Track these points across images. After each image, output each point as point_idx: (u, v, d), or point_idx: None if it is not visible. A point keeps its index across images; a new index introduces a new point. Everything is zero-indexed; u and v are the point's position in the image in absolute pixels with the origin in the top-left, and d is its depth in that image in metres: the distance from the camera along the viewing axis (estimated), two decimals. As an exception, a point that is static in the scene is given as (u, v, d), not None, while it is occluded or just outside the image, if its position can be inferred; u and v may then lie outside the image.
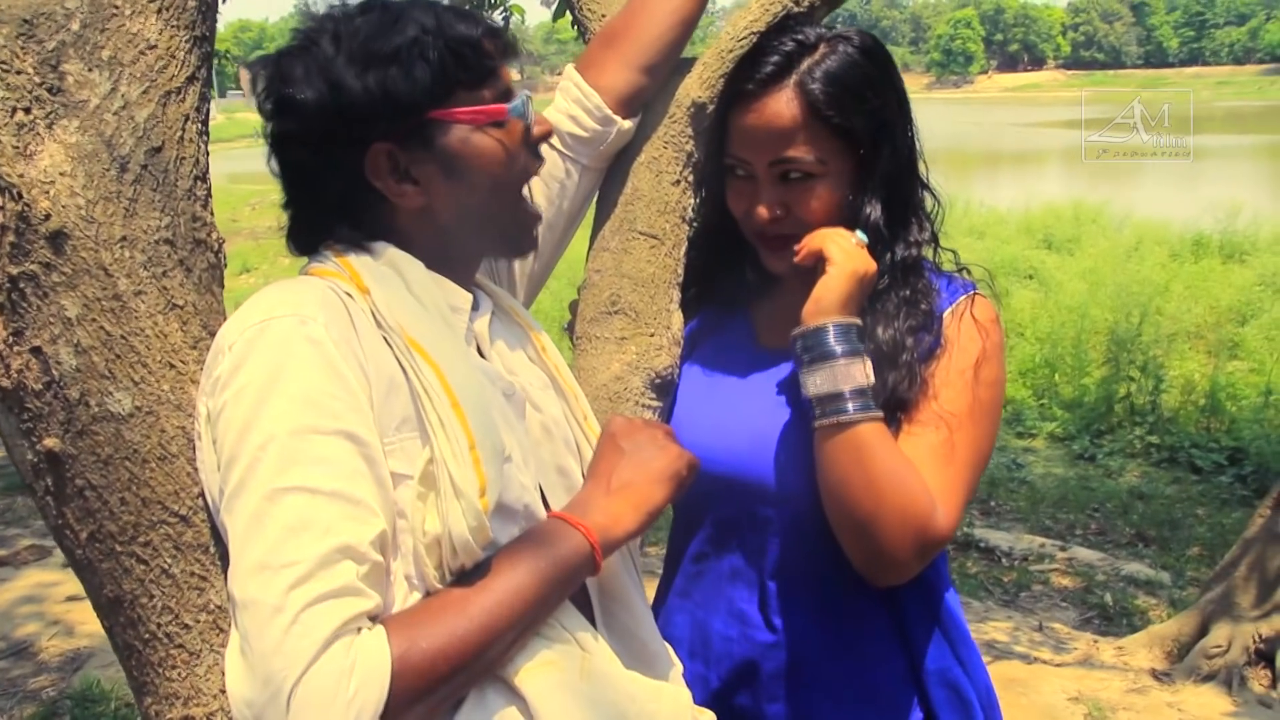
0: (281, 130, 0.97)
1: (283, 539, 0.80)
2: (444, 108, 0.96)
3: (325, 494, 0.82)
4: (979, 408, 1.17)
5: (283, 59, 0.97)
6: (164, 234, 0.96)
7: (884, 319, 1.19)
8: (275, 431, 0.83)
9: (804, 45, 1.19)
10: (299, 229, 1.04)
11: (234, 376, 0.86)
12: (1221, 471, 6.87)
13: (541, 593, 0.89)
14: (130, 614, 0.95)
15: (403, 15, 0.95)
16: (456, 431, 0.88)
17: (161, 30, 0.99)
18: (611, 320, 1.23)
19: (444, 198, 0.99)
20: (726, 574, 1.27)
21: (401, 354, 0.91)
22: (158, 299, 0.94)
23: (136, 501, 0.93)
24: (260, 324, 0.87)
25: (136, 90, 0.96)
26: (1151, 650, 3.47)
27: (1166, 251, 12.58)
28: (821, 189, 1.20)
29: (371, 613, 0.82)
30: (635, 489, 0.99)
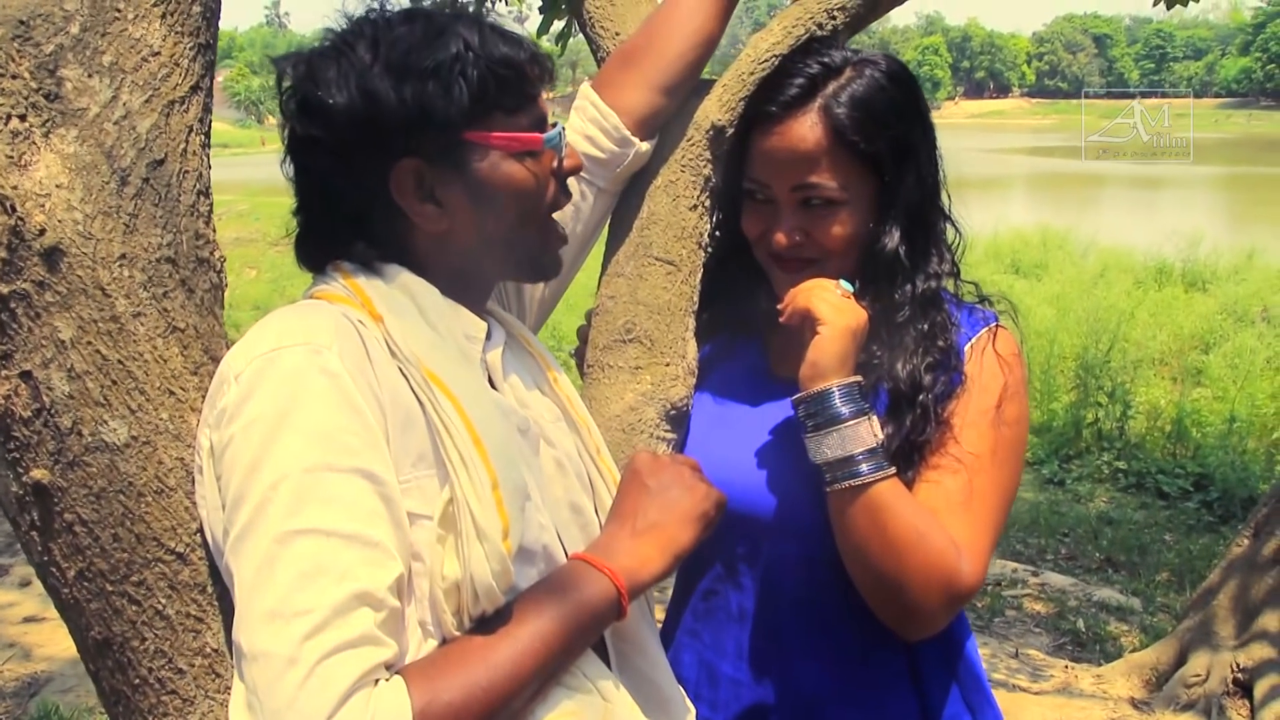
0: (305, 133, 0.92)
1: (296, 585, 0.74)
2: (480, 130, 0.92)
3: (341, 536, 0.76)
4: (1002, 448, 1.13)
5: (314, 59, 0.92)
6: (165, 252, 0.90)
7: (902, 354, 1.15)
8: (287, 469, 0.77)
9: (830, 68, 1.16)
10: (309, 239, 0.98)
11: (242, 409, 0.80)
12: (1188, 497, 6.95)
13: (566, 641, 0.85)
14: (120, 657, 0.88)
15: (446, 29, 0.91)
16: (479, 470, 0.83)
17: (165, 36, 0.94)
18: (626, 349, 1.18)
19: (467, 222, 0.95)
20: (735, 614, 1.23)
21: (419, 386, 0.86)
22: (158, 321, 0.89)
23: (130, 537, 0.87)
24: (270, 353, 0.82)
25: (139, 99, 0.90)
26: (1130, 679, 3.47)
27: (1131, 279, 12.79)
28: (843, 215, 1.16)
29: (389, 662, 0.77)
30: (662, 530, 0.94)
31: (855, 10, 1.23)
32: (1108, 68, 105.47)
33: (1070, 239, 15.43)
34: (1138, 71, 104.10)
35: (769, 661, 1.21)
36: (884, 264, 1.17)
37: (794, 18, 1.24)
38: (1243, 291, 11.74)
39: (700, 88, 1.24)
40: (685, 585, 1.30)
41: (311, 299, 0.94)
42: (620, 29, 1.33)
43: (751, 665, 1.21)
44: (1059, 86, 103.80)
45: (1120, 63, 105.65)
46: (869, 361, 1.17)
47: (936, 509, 1.10)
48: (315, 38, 0.99)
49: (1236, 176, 32.32)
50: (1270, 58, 78.56)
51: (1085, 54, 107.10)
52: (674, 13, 1.22)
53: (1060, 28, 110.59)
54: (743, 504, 1.18)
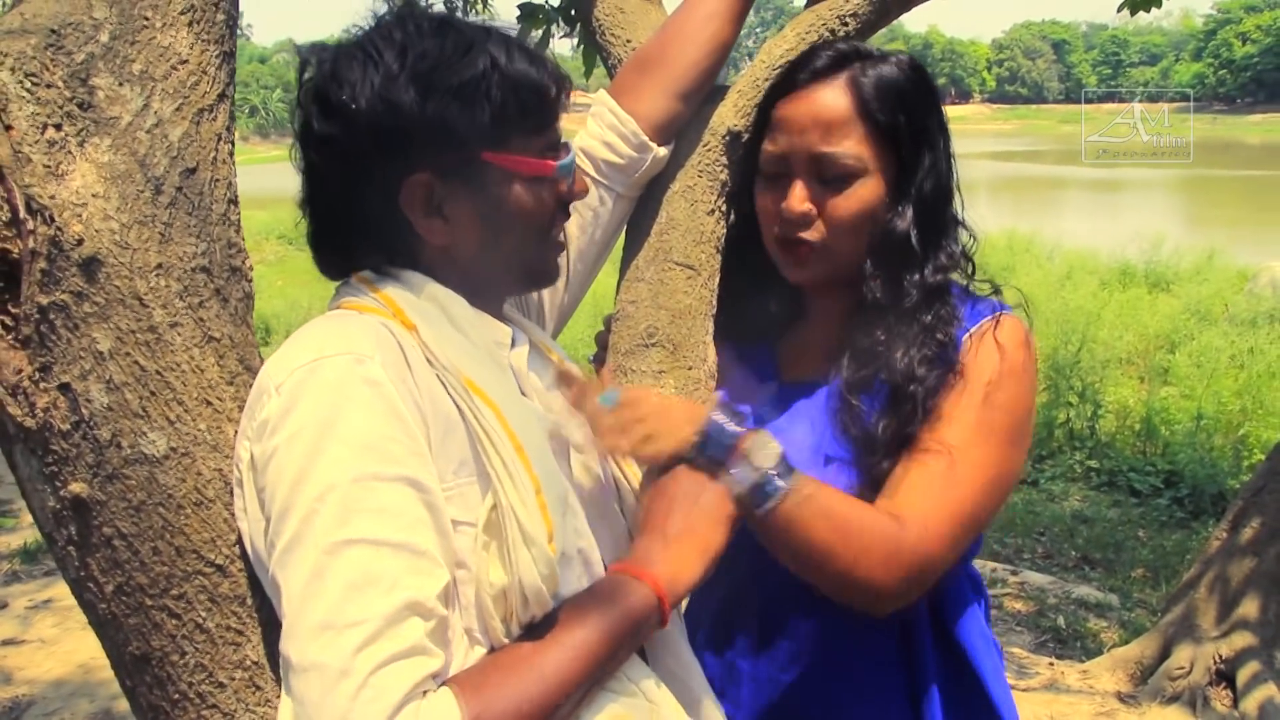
0: (321, 131, 0.91)
1: (347, 596, 0.74)
2: (497, 151, 0.92)
3: (390, 546, 0.76)
4: (986, 430, 1.11)
5: (340, 57, 0.91)
6: (200, 261, 0.89)
7: (903, 344, 1.15)
8: (335, 480, 0.77)
9: (859, 51, 1.18)
10: (320, 238, 0.98)
11: (284, 420, 0.80)
12: (1159, 494, 7.06)
13: (611, 648, 0.85)
14: (159, 672, 0.87)
15: (474, 46, 0.90)
16: (522, 476, 0.83)
17: (193, 44, 0.93)
18: (648, 353, 1.19)
19: (470, 237, 0.94)
20: (757, 612, 1.24)
21: (458, 394, 0.86)
22: (194, 331, 0.88)
23: (170, 551, 0.86)
24: (312, 363, 0.81)
25: (169, 107, 0.90)
26: (1115, 673, 3.52)
27: (1096, 280, 12.99)
28: (858, 189, 1.15)
29: (437, 672, 0.77)
30: (695, 534, 0.95)
31: (866, 16, 1.25)
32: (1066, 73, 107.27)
33: (1036, 242, 15.64)
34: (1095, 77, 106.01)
35: (790, 661, 1.22)
36: (895, 246, 1.17)
37: (807, 24, 1.25)
38: (1205, 291, 11.97)
39: (715, 94, 1.26)
40: (704, 589, 1.30)
41: (340, 309, 0.93)
42: (631, 36, 1.34)
43: (772, 664, 1.22)
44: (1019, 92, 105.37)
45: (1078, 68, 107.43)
46: (872, 349, 1.16)
47: (903, 487, 1.09)
48: (278, 49, 0.98)
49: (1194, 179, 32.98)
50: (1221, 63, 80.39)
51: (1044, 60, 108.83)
52: (688, 19, 1.23)
53: (1019, 34, 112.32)
54: None
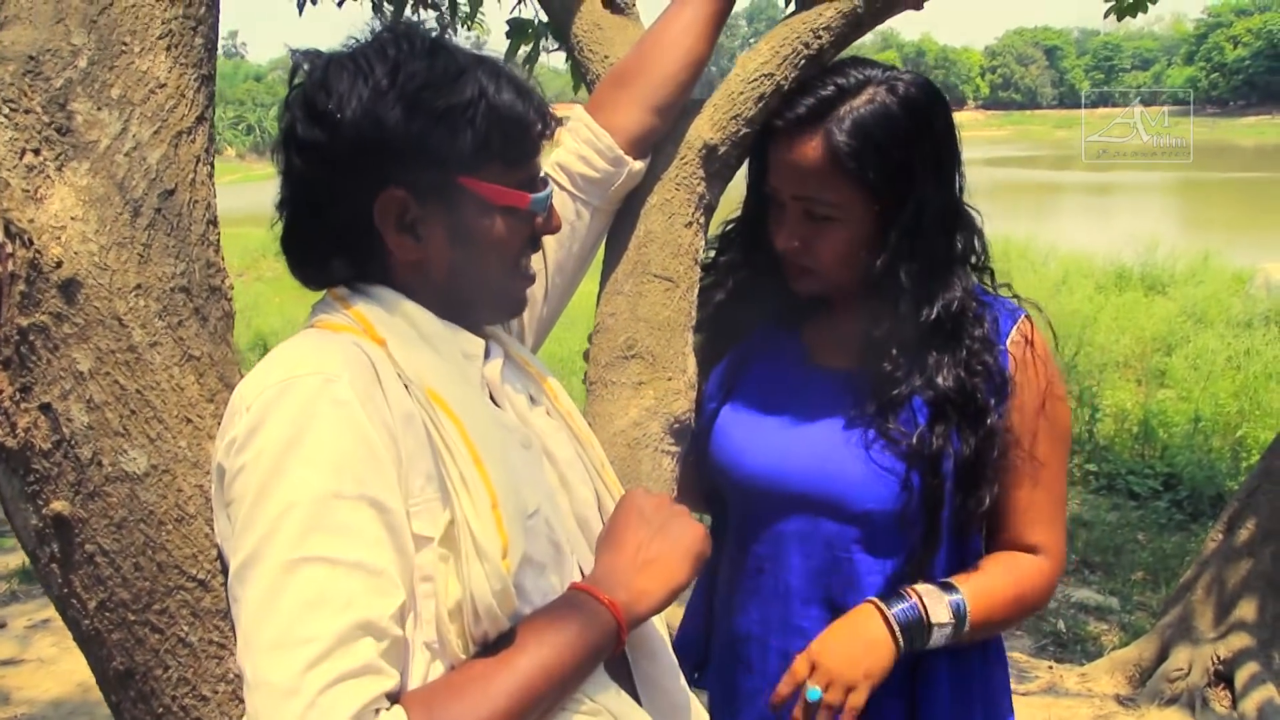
0: (305, 136, 0.92)
1: (300, 614, 0.75)
2: (474, 177, 0.93)
3: (346, 565, 0.77)
4: (1052, 439, 1.25)
5: (331, 66, 0.92)
6: (179, 281, 0.91)
7: (934, 369, 1.21)
8: (296, 498, 0.78)
9: (843, 90, 1.20)
10: (292, 241, 0.98)
11: (252, 439, 0.81)
12: (1158, 497, 7.06)
13: (567, 671, 0.85)
14: (143, 687, 0.88)
15: (465, 73, 0.92)
16: (479, 489, 0.84)
17: (171, 68, 0.95)
18: (628, 365, 1.20)
19: (439, 258, 0.95)
20: (782, 591, 1.28)
21: (423, 406, 0.87)
22: (173, 350, 0.89)
23: (152, 566, 0.87)
24: (282, 383, 0.82)
25: (148, 131, 0.92)
26: (1114, 676, 3.52)
27: (1092, 284, 13.02)
28: (838, 233, 1.22)
29: (391, 691, 0.77)
30: (664, 564, 0.94)
31: (840, 30, 1.27)
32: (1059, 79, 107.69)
33: (1031, 246, 15.69)
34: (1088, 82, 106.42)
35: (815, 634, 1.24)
36: (879, 284, 1.22)
37: (781, 37, 1.27)
38: (1201, 294, 12.01)
39: (691, 108, 1.27)
40: (731, 564, 1.34)
41: (314, 328, 0.94)
42: (609, 52, 1.36)
43: (805, 639, 1.25)
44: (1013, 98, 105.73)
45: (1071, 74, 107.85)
46: (896, 375, 1.22)
47: (1030, 522, 1.25)
48: (273, 66, 0.99)
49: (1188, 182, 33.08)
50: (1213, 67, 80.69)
51: (1037, 66, 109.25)
52: (663, 35, 1.25)
53: (1011, 41, 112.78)
54: (804, 487, 1.24)
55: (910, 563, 1.24)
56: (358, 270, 0.96)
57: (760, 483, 1.27)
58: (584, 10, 1.40)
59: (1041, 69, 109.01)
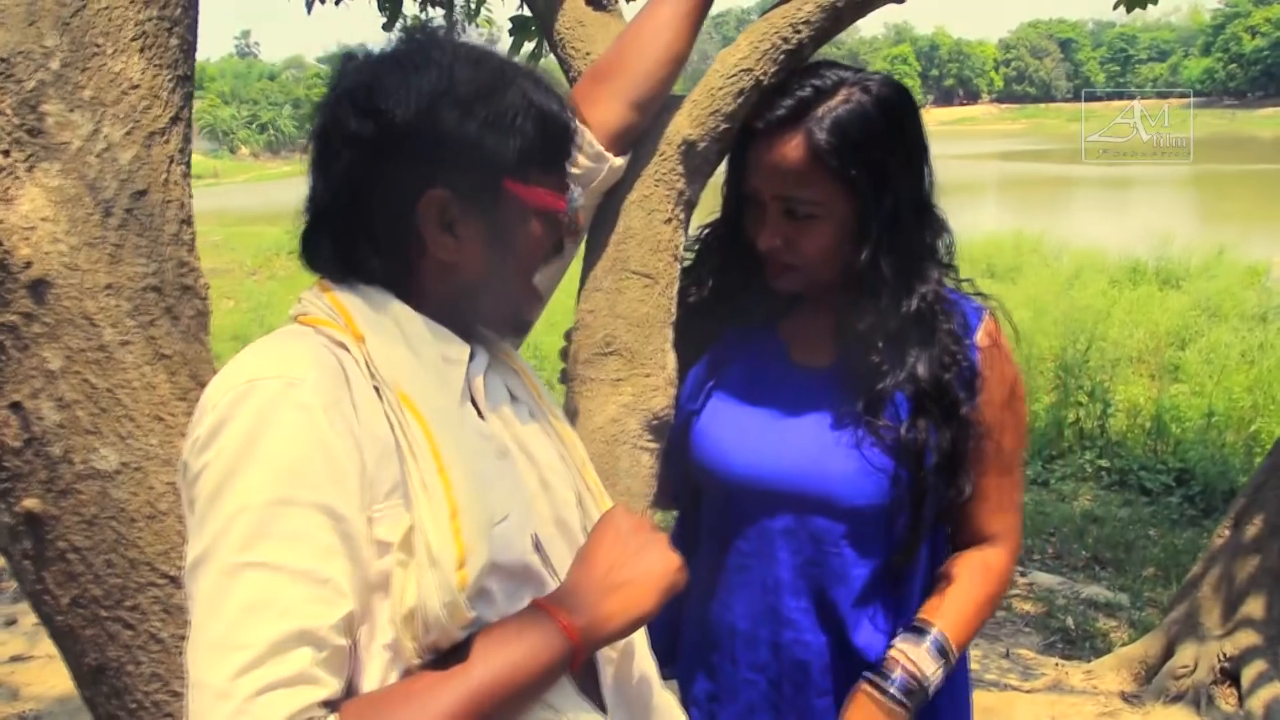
0: (357, 130, 0.91)
1: (239, 619, 0.75)
2: (518, 181, 0.95)
3: (290, 572, 0.77)
4: (1015, 431, 1.31)
5: (381, 65, 0.93)
6: (150, 280, 0.92)
7: (912, 362, 1.24)
8: (247, 501, 0.78)
9: (820, 91, 1.22)
10: (321, 237, 0.97)
11: (213, 439, 0.81)
12: (1170, 493, 7.02)
13: (513, 690, 0.84)
14: (115, 683, 0.90)
15: (513, 81, 0.94)
16: (439, 497, 0.84)
17: (144, 70, 0.96)
18: (606, 361, 1.21)
19: (474, 260, 0.96)
20: (771, 585, 1.29)
21: (393, 410, 0.87)
22: (145, 349, 0.90)
23: (123, 563, 0.88)
24: (246, 385, 0.82)
25: (120, 132, 0.92)
26: (1120, 673, 3.50)
27: (1105, 279, 12.93)
28: (821, 228, 1.23)
29: (329, 699, 0.78)
30: (632, 590, 0.93)
31: (820, 24, 1.27)
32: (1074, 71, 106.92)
33: (1044, 241, 15.59)
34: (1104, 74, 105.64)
35: (813, 624, 1.28)
36: (861, 277, 1.24)
37: (760, 33, 1.27)
38: (1215, 288, 11.90)
39: (671, 104, 1.27)
40: (712, 559, 1.35)
41: (296, 322, 0.95)
42: (591, 49, 1.36)
43: (794, 629, 1.28)
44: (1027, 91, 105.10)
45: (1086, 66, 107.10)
46: (877, 369, 1.25)
47: (992, 509, 1.30)
48: (287, 65, 1.00)
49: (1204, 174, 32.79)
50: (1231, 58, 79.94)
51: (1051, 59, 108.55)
52: (643, 30, 1.25)
53: (1025, 34, 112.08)
54: (792, 484, 1.26)
55: (895, 554, 1.26)
56: (385, 265, 0.95)
57: (748, 481, 1.28)
58: (567, 7, 1.40)
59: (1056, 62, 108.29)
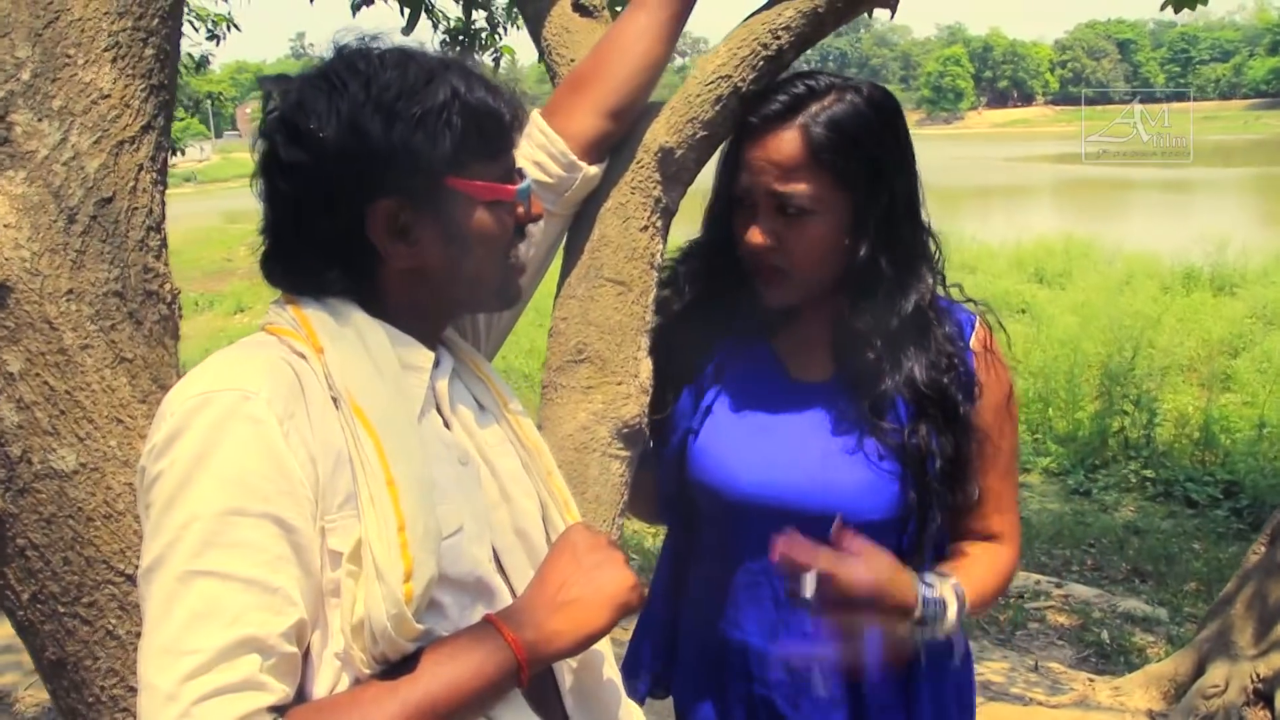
0: (289, 158, 0.93)
1: (188, 625, 0.78)
2: (460, 176, 0.95)
3: (239, 581, 0.79)
4: (1011, 434, 1.33)
5: (305, 87, 0.94)
6: (113, 286, 0.94)
7: (911, 363, 1.25)
8: (199, 511, 0.80)
9: (814, 90, 1.22)
10: (276, 259, 0.99)
11: (169, 448, 0.83)
12: (1217, 505, 6.83)
13: (458, 705, 0.85)
14: (74, 677, 0.92)
15: (435, 77, 0.94)
16: (386, 511, 0.85)
17: (116, 79, 0.98)
18: (578, 369, 1.21)
19: (435, 261, 0.97)
20: (784, 600, 1.28)
21: (347, 423, 0.88)
22: (106, 353, 0.92)
23: (80, 561, 0.90)
24: (201, 396, 0.84)
25: (88, 140, 0.95)
26: (1148, 690, 3.42)
27: (1158, 284, 12.64)
28: (815, 226, 1.22)
29: (277, 705, 0.79)
30: (582, 607, 0.93)
31: (800, 30, 1.26)
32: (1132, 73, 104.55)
33: (1095, 246, 15.28)
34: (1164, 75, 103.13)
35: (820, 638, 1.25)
36: (859, 275, 1.24)
37: (739, 39, 1.26)
38: (1272, 294, 11.56)
39: (649, 111, 1.27)
40: (718, 578, 1.34)
41: (264, 331, 0.96)
42: (576, 56, 1.36)
43: (805, 641, 1.27)
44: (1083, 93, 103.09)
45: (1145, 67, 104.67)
46: (877, 371, 1.25)
47: (994, 510, 1.31)
48: None
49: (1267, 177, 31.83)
50: (1299, 57, 77.48)
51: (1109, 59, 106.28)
52: (620, 38, 1.25)
53: (1083, 34, 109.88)
54: (799, 502, 1.25)
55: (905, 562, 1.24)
56: (345, 280, 0.96)
57: (756, 501, 1.27)
58: (554, 14, 1.40)
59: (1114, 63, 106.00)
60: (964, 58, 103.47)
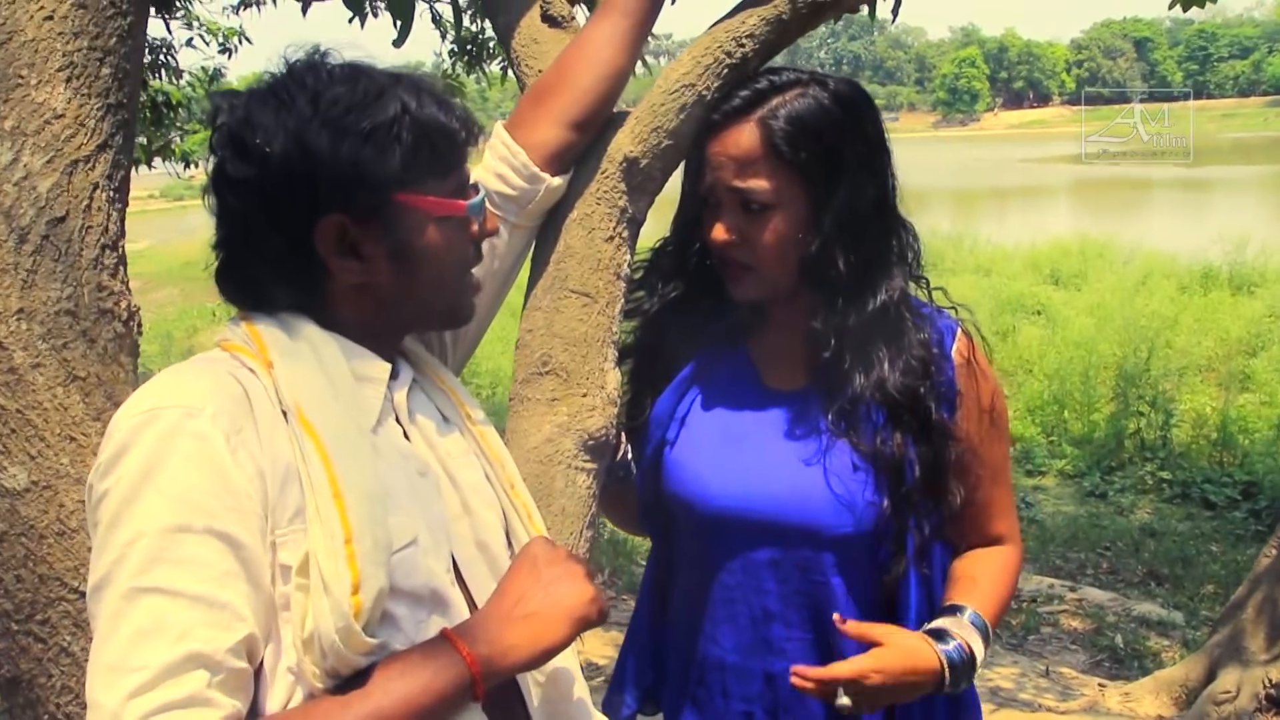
0: (237, 174, 0.93)
1: (134, 642, 0.78)
2: (409, 192, 0.94)
3: (186, 597, 0.79)
4: (1000, 442, 1.32)
5: (253, 102, 0.94)
6: (65, 305, 0.94)
7: (879, 366, 1.23)
8: (144, 528, 0.80)
9: (776, 85, 1.22)
10: (230, 275, 0.99)
11: (115, 465, 0.84)
12: (1235, 506, 6.74)
13: (412, 718, 0.84)
14: (29, 695, 0.92)
15: (385, 92, 0.93)
16: (333, 523, 0.85)
17: (70, 99, 0.99)
18: (542, 381, 1.20)
19: (385, 278, 0.97)
20: (760, 617, 1.27)
21: (295, 437, 0.88)
22: (57, 371, 0.93)
23: (33, 578, 0.91)
24: (147, 413, 0.84)
25: (40, 160, 0.96)
26: (1159, 696, 3.37)
27: (1175, 284, 12.50)
28: (776, 220, 1.21)
29: None
30: (539, 621, 0.92)
31: (764, 37, 1.25)
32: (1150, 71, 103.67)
33: (1111, 247, 15.14)
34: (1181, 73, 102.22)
35: (808, 655, 1.25)
36: (815, 271, 1.22)
37: (703, 47, 1.26)
38: (1291, 293, 11.42)
39: (614, 121, 1.27)
40: (695, 592, 1.32)
41: (218, 347, 0.97)
42: (544, 67, 1.35)
43: (788, 659, 1.25)
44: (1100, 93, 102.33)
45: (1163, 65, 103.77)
46: (843, 372, 1.23)
47: (993, 516, 1.30)
48: None
49: (1287, 175, 31.50)
50: (1320, 52, 76.61)
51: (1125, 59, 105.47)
52: (584, 48, 1.25)
53: (1099, 34, 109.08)
54: (775, 514, 1.24)
55: (885, 576, 1.24)
56: (295, 296, 0.97)
57: (729, 514, 1.25)
58: (523, 25, 1.40)
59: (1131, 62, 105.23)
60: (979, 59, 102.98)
